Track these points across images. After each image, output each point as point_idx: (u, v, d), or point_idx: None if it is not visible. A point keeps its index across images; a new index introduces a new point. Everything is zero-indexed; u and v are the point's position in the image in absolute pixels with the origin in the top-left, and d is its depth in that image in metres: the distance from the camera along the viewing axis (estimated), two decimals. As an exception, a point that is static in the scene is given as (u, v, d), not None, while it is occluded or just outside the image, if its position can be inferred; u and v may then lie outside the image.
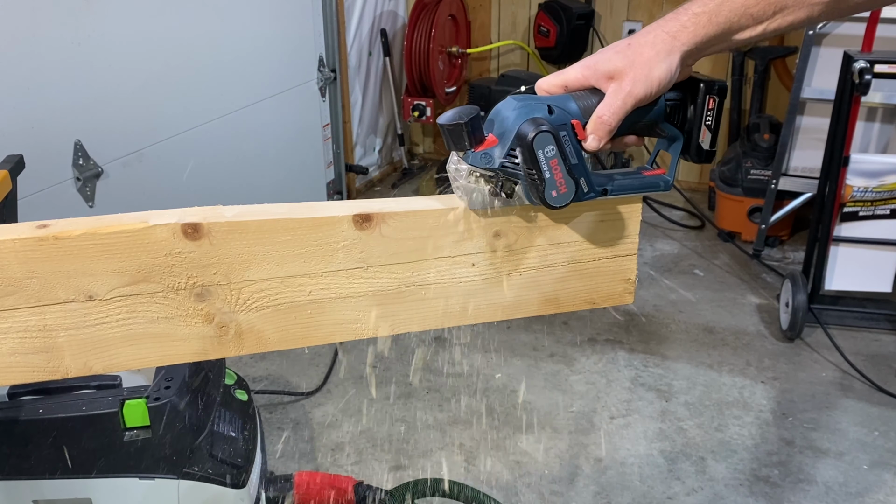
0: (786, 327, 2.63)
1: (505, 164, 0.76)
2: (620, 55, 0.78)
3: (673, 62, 0.78)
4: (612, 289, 0.90)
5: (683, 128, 0.83)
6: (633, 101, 0.77)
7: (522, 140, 0.74)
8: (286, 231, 0.77)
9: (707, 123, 0.82)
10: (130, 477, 1.30)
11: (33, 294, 0.72)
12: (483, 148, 0.76)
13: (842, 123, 2.48)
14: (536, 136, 0.74)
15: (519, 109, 0.76)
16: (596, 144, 0.78)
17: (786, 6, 0.78)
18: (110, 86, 2.20)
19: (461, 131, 0.74)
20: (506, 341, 2.64)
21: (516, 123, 0.75)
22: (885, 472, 2.03)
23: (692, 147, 0.83)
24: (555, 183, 0.76)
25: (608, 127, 0.77)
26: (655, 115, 0.82)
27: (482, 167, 0.77)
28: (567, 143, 0.77)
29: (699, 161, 0.83)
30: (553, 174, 0.76)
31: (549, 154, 0.75)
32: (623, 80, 0.77)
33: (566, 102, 0.79)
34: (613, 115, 0.77)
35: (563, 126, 0.77)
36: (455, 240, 0.83)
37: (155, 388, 1.30)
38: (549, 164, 0.75)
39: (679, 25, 0.78)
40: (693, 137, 0.83)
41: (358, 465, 2.05)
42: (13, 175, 1.40)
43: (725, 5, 0.77)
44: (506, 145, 0.75)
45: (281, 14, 3.04)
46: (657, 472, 2.03)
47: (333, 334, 0.83)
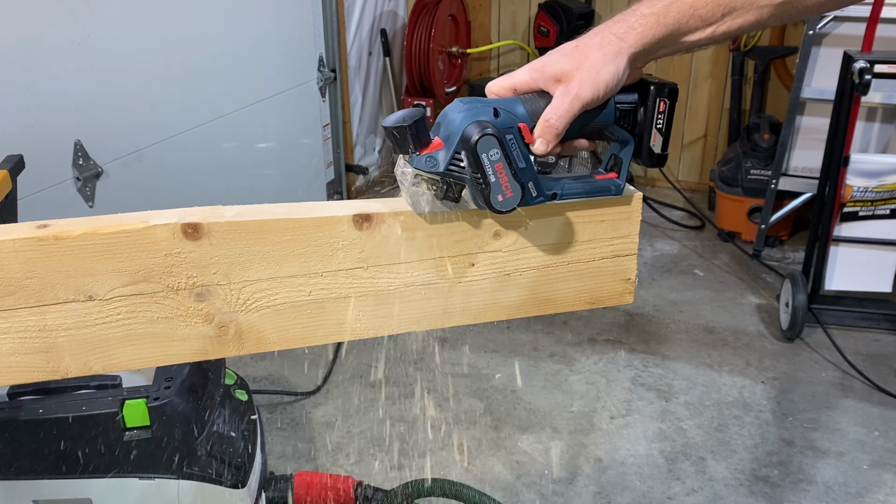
0: (786, 327, 2.63)
1: (450, 167, 0.75)
2: (567, 57, 0.76)
3: (620, 64, 0.76)
4: (612, 289, 0.90)
5: (634, 131, 0.82)
6: (580, 105, 0.76)
7: (467, 143, 0.73)
8: (286, 231, 0.77)
9: (658, 127, 0.81)
10: (130, 477, 1.30)
11: (33, 294, 0.72)
12: (428, 151, 0.75)
13: (842, 123, 2.48)
14: (480, 140, 0.73)
15: (465, 112, 0.75)
16: (544, 148, 0.77)
17: (734, 8, 0.77)
18: (110, 86, 2.20)
19: (405, 134, 0.73)
20: (506, 341, 2.64)
21: (461, 126, 0.74)
22: (885, 472, 2.03)
23: (643, 151, 0.82)
24: (500, 187, 0.75)
25: (555, 130, 0.76)
26: (605, 118, 0.81)
27: (427, 171, 0.75)
28: (514, 146, 0.75)
29: (651, 165, 0.82)
30: (498, 178, 0.75)
31: (493, 158, 0.74)
32: (570, 82, 0.76)
33: (514, 105, 0.77)
34: (560, 118, 0.76)
35: (509, 129, 0.75)
36: (455, 239, 0.83)
37: (155, 388, 1.30)
38: (493, 168, 0.74)
39: (627, 27, 0.77)
40: (644, 141, 0.81)
41: (358, 465, 2.05)
42: (13, 175, 1.40)
43: (674, 6, 0.76)
44: (451, 148, 0.74)
45: (281, 14, 3.04)
46: (657, 472, 2.03)
47: (333, 334, 0.83)
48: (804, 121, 3.10)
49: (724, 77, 3.79)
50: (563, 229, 0.86)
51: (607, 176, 0.84)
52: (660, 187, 4.05)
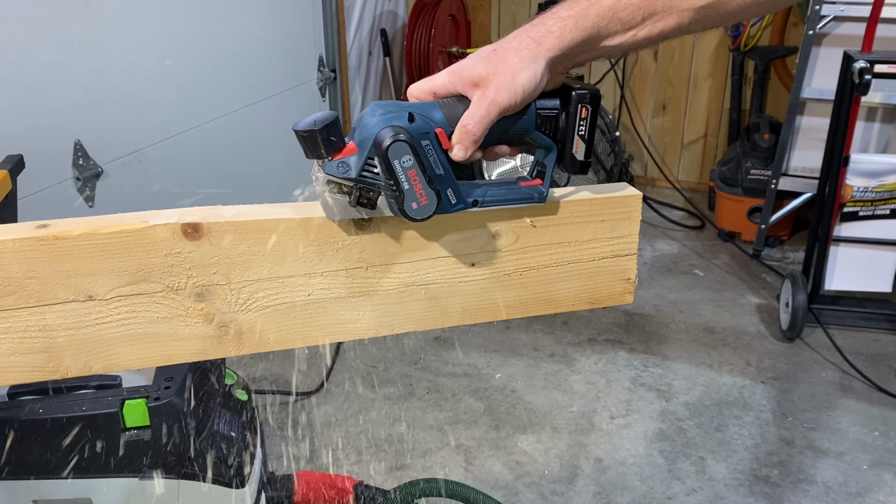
0: (786, 327, 2.63)
1: (363, 173, 0.73)
2: (485, 61, 0.74)
3: (538, 69, 0.74)
4: (611, 289, 0.90)
5: (557, 137, 0.80)
6: (497, 110, 0.74)
7: (378, 149, 0.71)
8: (286, 231, 0.77)
9: (580, 133, 0.79)
10: (130, 477, 1.30)
11: (33, 294, 0.72)
12: (341, 156, 0.72)
13: (842, 123, 2.48)
14: (391, 146, 0.71)
15: (379, 117, 0.73)
16: (462, 154, 0.75)
17: (655, 12, 0.75)
18: (110, 86, 2.20)
19: (315, 138, 0.71)
20: (506, 341, 2.64)
21: (374, 131, 0.72)
22: (885, 472, 2.03)
23: (566, 158, 0.80)
24: (414, 194, 0.73)
25: (473, 136, 0.74)
26: (525, 124, 0.78)
27: (339, 176, 0.73)
28: (430, 152, 0.74)
29: (574, 172, 0.80)
30: (412, 185, 0.73)
31: (406, 164, 0.72)
32: (487, 87, 0.74)
33: (431, 110, 0.75)
34: (477, 124, 0.74)
35: (424, 135, 0.73)
36: (455, 239, 0.83)
37: (155, 388, 1.30)
38: (406, 175, 0.72)
39: (545, 30, 0.75)
40: (566, 148, 0.79)
41: (358, 465, 2.05)
42: (13, 175, 1.40)
43: (593, 9, 0.75)
44: (363, 154, 0.72)
45: (281, 14, 3.04)
46: (657, 472, 2.03)
47: (333, 334, 0.83)
48: (804, 121, 3.10)
49: (724, 77, 3.79)
50: (563, 229, 0.86)
51: (532, 183, 0.82)
52: (660, 187, 4.05)
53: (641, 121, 4.03)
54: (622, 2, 0.75)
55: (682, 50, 3.84)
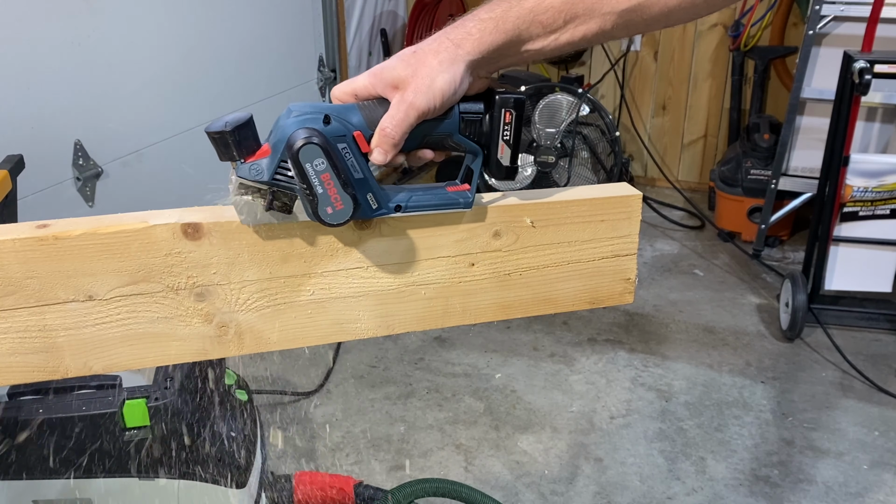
0: (786, 327, 2.63)
1: (276, 177, 0.71)
2: (404, 63, 0.73)
3: (457, 72, 0.73)
4: (611, 289, 0.90)
5: (482, 142, 0.78)
6: (415, 114, 0.72)
7: (290, 151, 0.69)
8: (286, 231, 0.77)
9: (504, 138, 0.77)
10: (130, 477, 1.30)
11: (33, 294, 0.72)
12: (254, 159, 0.70)
13: (842, 123, 2.48)
14: (302, 149, 0.69)
15: (294, 118, 0.71)
16: (382, 158, 0.73)
17: (577, 15, 0.74)
18: (110, 86, 2.20)
19: (226, 140, 0.69)
20: (506, 341, 2.64)
21: (287, 133, 0.70)
22: (885, 472, 2.03)
23: (492, 163, 0.78)
24: (328, 199, 0.71)
25: (392, 140, 0.73)
26: (448, 128, 0.76)
27: (251, 180, 0.71)
28: (348, 156, 0.72)
29: (500, 178, 0.79)
30: (326, 189, 0.71)
31: (318, 168, 0.70)
32: (406, 90, 0.72)
33: (349, 112, 0.73)
34: (396, 127, 0.72)
35: (341, 138, 0.72)
36: (455, 239, 0.83)
37: (155, 388, 1.30)
38: (319, 179, 0.70)
39: (464, 32, 0.74)
40: (491, 152, 0.78)
41: (358, 465, 2.05)
42: (13, 175, 1.40)
43: (513, 12, 0.73)
44: (276, 157, 0.70)
45: (281, 14, 3.04)
46: (657, 472, 2.03)
47: (333, 334, 0.83)
48: (804, 121, 3.10)
49: (724, 77, 3.79)
50: (563, 229, 0.86)
51: (460, 188, 0.80)
52: (660, 187, 4.05)
53: (641, 121, 4.02)
54: (543, 4, 0.73)
55: (682, 50, 3.84)
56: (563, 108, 3.25)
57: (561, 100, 3.25)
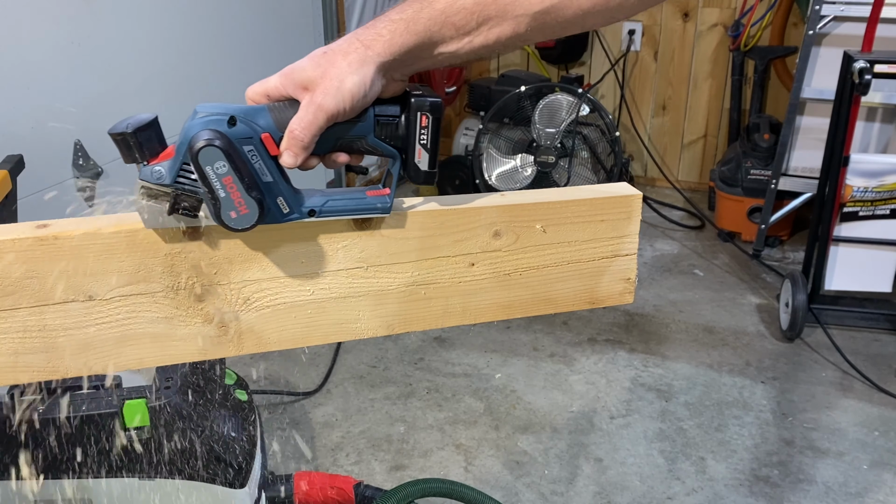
0: (786, 327, 2.63)
1: (179, 180, 0.69)
2: (314, 64, 0.71)
3: (367, 74, 0.71)
4: (611, 288, 0.90)
5: (399, 146, 0.77)
6: (324, 116, 0.70)
7: (190, 155, 0.68)
8: (286, 231, 0.77)
9: (422, 142, 0.76)
10: (130, 477, 1.30)
11: (33, 294, 0.72)
12: (157, 161, 0.69)
13: (842, 123, 2.48)
14: (201, 151, 0.67)
15: (199, 119, 0.69)
16: (292, 161, 0.71)
17: (489, 17, 0.73)
18: (110, 86, 2.20)
19: (128, 142, 0.67)
20: (506, 341, 2.64)
21: (190, 135, 0.68)
22: (885, 472, 2.03)
23: (410, 167, 0.77)
24: (232, 203, 0.69)
25: (301, 143, 0.71)
26: (362, 130, 0.75)
27: (153, 183, 0.69)
28: (255, 159, 0.70)
29: (419, 182, 0.77)
30: (228, 193, 0.69)
31: (220, 171, 0.68)
32: (315, 91, 0.70)
33: (257, 114, 0.71)
34: (305, 130, 0.70)
35: (247, 140, 0.70)
36: (455, 239, 0.83)
37: (155, 388, 1.30)
38: (221, 182, 0.68)
39: (374, 34, 0.72)
40: (409, 157, 0.76)
41: (358, 465, 2.05)
42: (13, 175, 1.40)
43: (424, 13, 0.72)
44: (178, 159, 0.69)
45: (281, 14, 3.04)
46: (657, 472, 2.03)
47: (333, 334, 0.83)
48: (804, 121, 3.10)
49: (724, 77, 3.79)
50: (562, 229, 0.86)
51: (380, 192, 0.78)
52: (660, 187, 4.05)
53: (641, 121, 4.03)
54: (454, 6, 0.72)
55: (682, 50, 3.84)
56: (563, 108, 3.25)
57: (561, 100, 3.25)
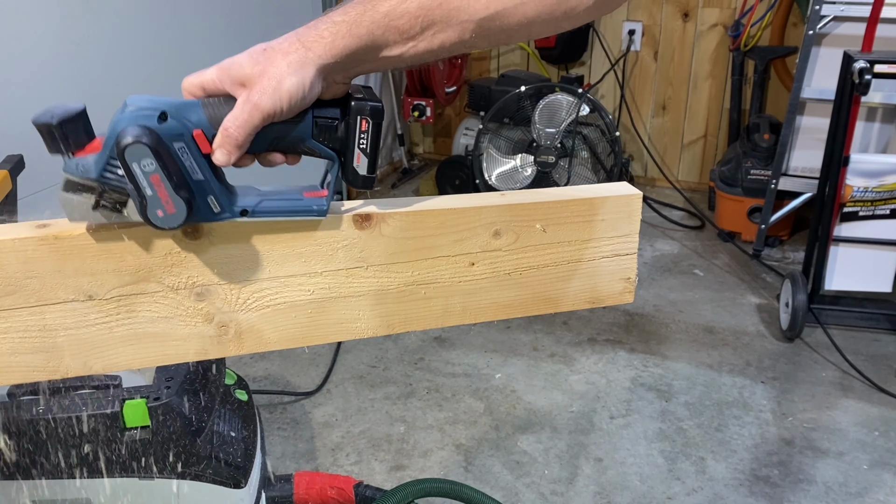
0: (786, 327, 2.63)
1: (106, 175, 0.67)
2: (253, 61, 0.70)
3: (306, 76, 0.70)
4: (611, 288, 0.90)
5: (338, 149, 0.76)
6: (260, 116, 0.69)
7: (116, 150, 0.66)
8: (286, 230, 0.77)
9: (361, 147, 0.75)
10: (130, 477, 1.30)
11: (33, 294, 0.72)
12: (83, 154, 0.67)
13: (842, 123, 2.48)
14: (128, 148, 0.65)
15: (128, 114, 0.67)
16: (224, 159, 0.70)
17: (433, 22, 0.72)
18: (110, 86, 2.20)
19: (53, 133, 0.65)
20: (506, 341, 2.64)
21: (117, 129, 0.66)
22: (885, 472, 2.03)
23: (348, 171, 0.76)
24: (159, 201, 0.68)
25: (235, 141, 0.70)
26: (301, 132, 0.74)
27: (78, 176, 0.67)
28: (185, 156, 0.69)
29: (358, 187, 0.77)
30: (155, 191, 0.67)
31: (147, 168, 0.66)
32: (252, 89, 0.69)
33: (189, 110, 0.69)
34: (239, 128, 0.69)
35: (178, 137, 0.68)
36: (455, 239, 0.83)
37: (155, 388, 1.30)
38: (148, 180, 0.67)
39: (316, 35, 0.71)
40: (347, 160, 0.75)
41: (358, 465, 2.05)
42: (13, 175, 1.40)
43: (367, 16, 0.71)
44: (105, 153, 0.67)
45: (281, 14, 3.04)
46: (657, 472, 2.03)
47: (333, 334, 0.83)
48: (804, 121, 3.10)
49: (724, 77, 3.79)
50: (562, 229, 0.86)
51: (317, 194, 0.77)
52: (660, 187, 4.05)
53: (641, 121, 4.03)
54: (398, 10, 0.71)
55: (682, 50, 3.84)
56: (563, 108, 3.25)
57: (561, 100, 3.25)
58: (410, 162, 4.27)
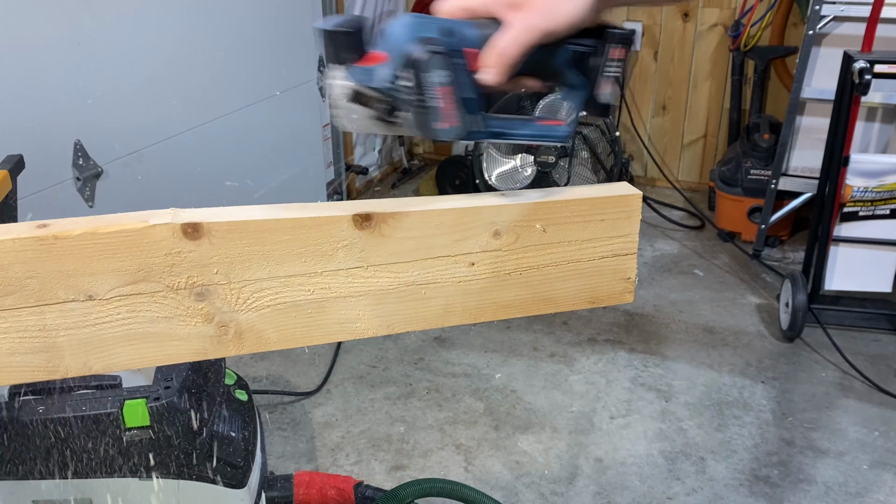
0: (786, 327, 2.63)
1: (390, 84, 0.68)
2: None
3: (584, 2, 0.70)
4: (611, 288, 0.90)
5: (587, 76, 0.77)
6: (536, 35, 0.69)
7: (410, 60, 0.66)
8: (286, 231, 0.77)
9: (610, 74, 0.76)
10: (130, 477, 1.30)
11: (33, 294, 0.72)
12: (367, 63, 0.68)
13: (842, 123, 2.48)
14: (428, 59, 0.66)
15: (412, 27, 0.67)
16: (492, 78, 0.70)
17: None
18: (110, 86, 2.20)
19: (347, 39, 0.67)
20: (506, 341, 2.64)
21: (405, 41, 0.66)
22: (885, 472, 2.03)
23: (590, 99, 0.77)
24: (441, 113, 0.68)
25: (507, 59, 0.70)
26: (561, 58, 0.75)
27: (364, 84, 0.68)
28: (460, 72, 0.69)
29: (596, 114, 0.78)
30: (440, 103, 0.68)
31: (440, 79, 0.67)
32: (528, 10, 0.69)
33: (464, 27, 0.70)
34: (510, 46, 0.69)
35: (456, 53, 0.68)
36: (455, 239, 0.83)
37: (155, 388, 1.30)
38: (437, 92, 0.67)
39: None
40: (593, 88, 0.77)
41: (358, 465, 2.05)
42: (13, 175, 1.40)
43: None
44: (394, 63, 0.67)
45: (281, 14, 3.04)
46: (657, 472, 2.03)
47: (333, 334, 0.83)
48: (804, 121, 3.10)
49: (724, 77, 3.79)
50: (562, 228, 0.86)
51: (553, 122, 0.78)
52: (660, 187, 4.05)
53: (641, 121, 4.03)
54: None
55: (682, 50, 3.84)
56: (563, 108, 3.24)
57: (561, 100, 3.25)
58: (410, 162, 4.27)
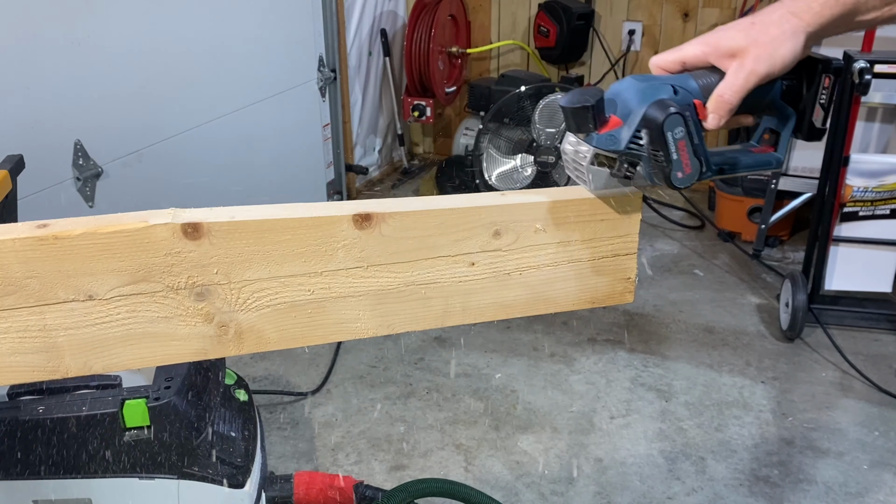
0: (786, 327, 2.63)
1: (630, 146, 0.76)
2: (743, 33, 0.78)
3: (798, 43, 0.77)
4: (611, 288, 0.90)
5: (797, 107, 0.84)
6: (755, 80, 0.77)
7: (651, 122, 0.75)
8: (286, 231, 0.77)
9: (821, 102, 0.83)
10: (130, 477, 1.30)
11: (33, 294, 0.72)
12: (607, 130, 0.76)
13: (842, 123, 2.48)
14: (667, 119, 0.74)
15: (644, 91, 0.76)
16: (716, 123, 0.79)
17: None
18: (110, 86, 2.20)
19: (587, 114, 0.75)
20: (506, 341, 2.64)
21: (642, 105, 0.75)
22: (885, 472, 2.03)
23: (804, 125, 0.84)
24: (681, 164, 0.76)
25: (729, 105, 0.78)
26: (774, 93, 0.83)
27: (606, 149, 0.77)
28: (692, 124, 0.76)
29: (810, 139, 0.85)
30: (680, 155, 0.76)
31: (677, 136, 0.75)
32: (746, 58, 0.77)
33: (687, 81, 0.79)
34: (735, 93, 0.77)
35: (687, 106, 0.76)
36: (455, 239, 0.83)
37: (155, 388, 1.30)
38: (677, 146, 0.75)
39: (805, 5, 0.78)
40: (806, 116, 0.84)
41: (358, 465, 2.05)
42: (13, 175, 1.40)
43: None
44: (632, 127, 0.76)
45: (281, 14, 3.04)
46: (657, 472, 2.03)
47: (333, 334, 0.83)
48: (804, 121, 3.09)
49: (724, 77, 3.79)
50: (562, 228, 0.86)
51: (764, 149, 0.86)
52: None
53: (641, 121, 4.02)
54: None
55: (682, 50, 3.84)
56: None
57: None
58: (410, 162, 4.27)
